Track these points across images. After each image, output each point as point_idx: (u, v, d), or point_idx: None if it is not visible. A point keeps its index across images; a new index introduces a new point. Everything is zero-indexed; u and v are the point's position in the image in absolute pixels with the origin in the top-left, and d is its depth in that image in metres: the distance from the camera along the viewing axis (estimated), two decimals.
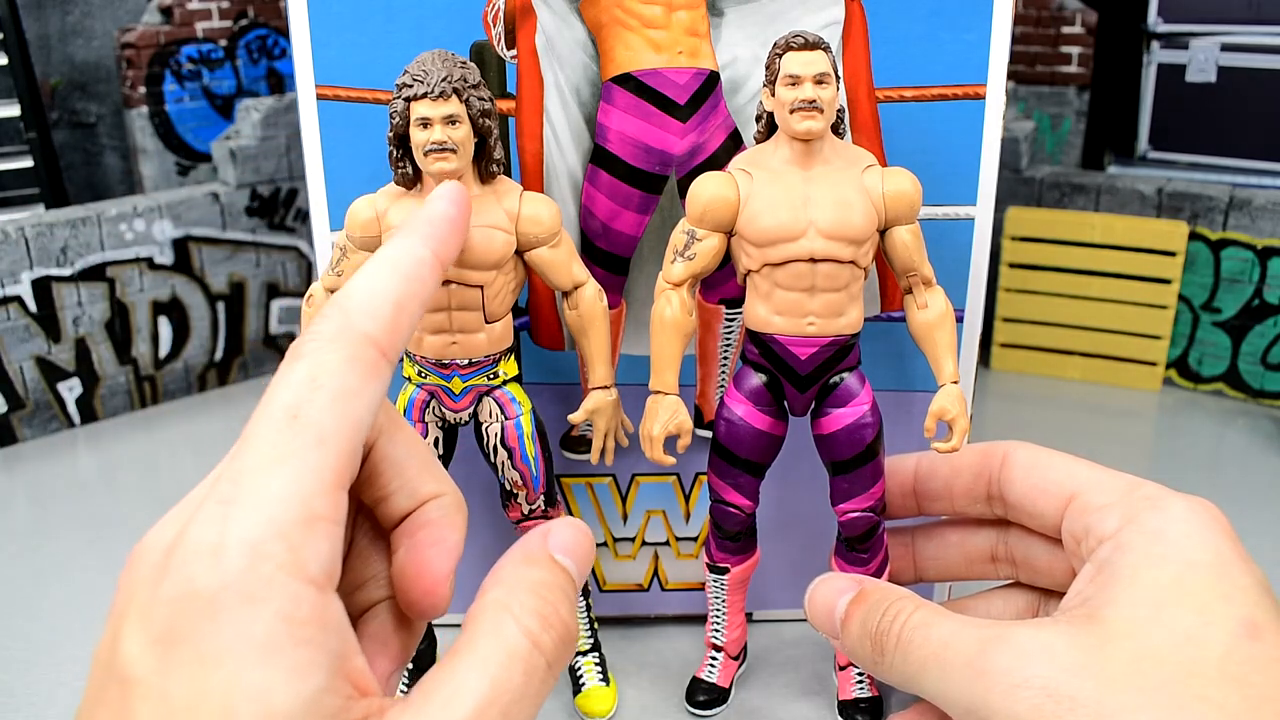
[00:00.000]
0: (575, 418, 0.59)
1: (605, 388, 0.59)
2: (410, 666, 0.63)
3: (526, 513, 0.60)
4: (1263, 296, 1.02)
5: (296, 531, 0.27)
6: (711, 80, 0.61)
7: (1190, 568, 0.45)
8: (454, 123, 0.52)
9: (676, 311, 0.56)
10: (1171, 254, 1.05)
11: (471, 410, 0.58)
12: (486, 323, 0.56)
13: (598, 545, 0.71)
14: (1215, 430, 1.01)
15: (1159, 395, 1.08)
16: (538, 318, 0.65)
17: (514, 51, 0.61)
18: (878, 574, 0.60)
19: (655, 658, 0.69)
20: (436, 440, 0.58)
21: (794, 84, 0.53)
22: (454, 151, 0.52)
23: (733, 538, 0.61)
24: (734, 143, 0.61)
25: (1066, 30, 1.20)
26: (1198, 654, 0.41)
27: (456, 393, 0.57)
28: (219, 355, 1.12)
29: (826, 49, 0.53)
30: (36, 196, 1.14)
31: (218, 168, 1.12)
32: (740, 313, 0.64)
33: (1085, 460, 0.54)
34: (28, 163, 1.13)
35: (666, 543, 0.71)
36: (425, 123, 0.52)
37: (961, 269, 0.63)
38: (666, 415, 0.56)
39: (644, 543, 0.71)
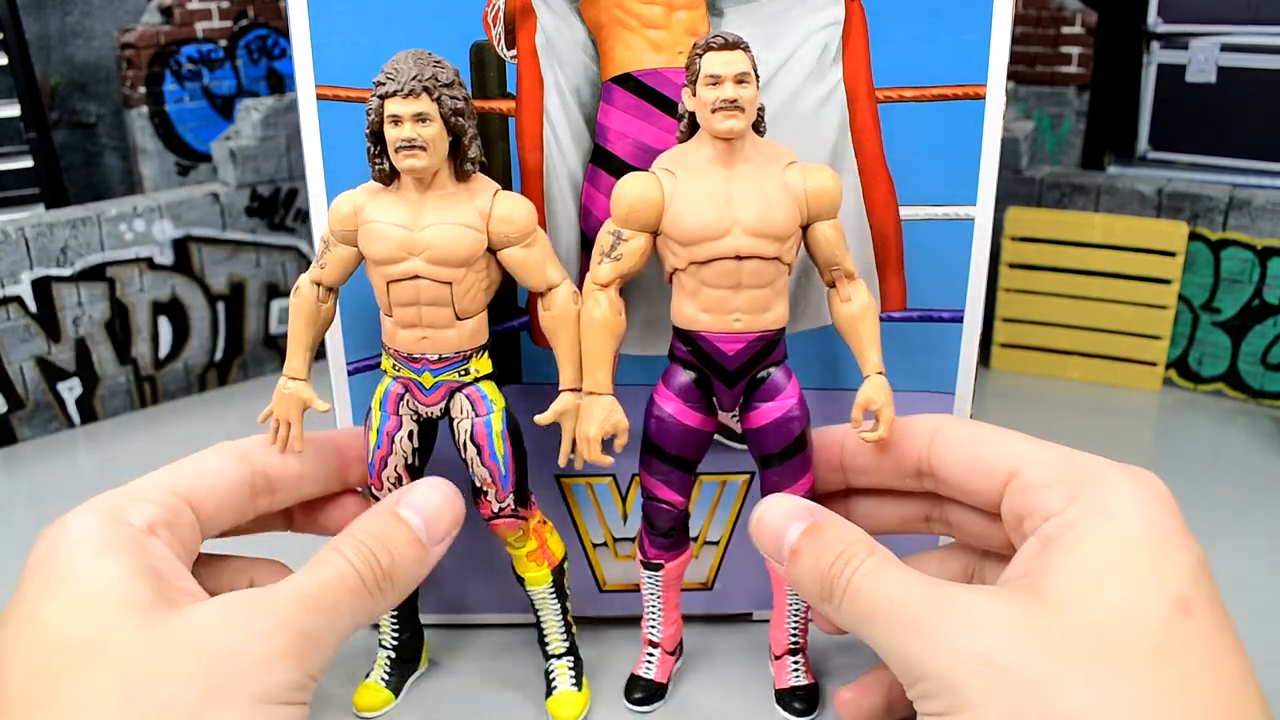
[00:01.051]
0: (542, 419, 0.59)
1: (575, 390, 0.59)
2: (393, 655, 0.64)
3: (496, 510, 0.60)
4: (1263, 296, 1.02)
5: (123, 506, 0.50)
6: None
7: (1130, 543, 0.45)
8: (424, 120, 0.53)
9: (606, 312, 0.56)
10: (1171, 254, 1.05)
11: (444, 405, 0.59)
12: (458, 319, 0.57)
13: (598, 545, 0.71)
14: (1215, 430, 1.01)
15: (1159, 395, 1.08)
16: (538, 318, 0.65)
17: (514, 51, 0.61)
18: None
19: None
20: (411, 433, 0.59)
21: (715, 84, 0.53)
22: (423, 149, 0.53)
23: (665, 534, 0.62)
24: None
25: (1066, 30, 1.20)
26: (1131, 629, 0.42)
27: (428, 387, 0.58)
28: (219, 355, 1.12)
29: (746, 49, 0.54)
30: (36, 196, 1.14)
31: (218, 168, 1.12)
32: None
33: (1018, 434, 0.54)
34: (28, 163, 1.13)
35: None
36: (396, 120, 0.53)
37: (961, 269, 0.63)
38: (602, 415, 0.57)
39: None
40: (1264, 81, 1.12)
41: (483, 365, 0.59)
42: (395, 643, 0.63)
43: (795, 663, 0.64)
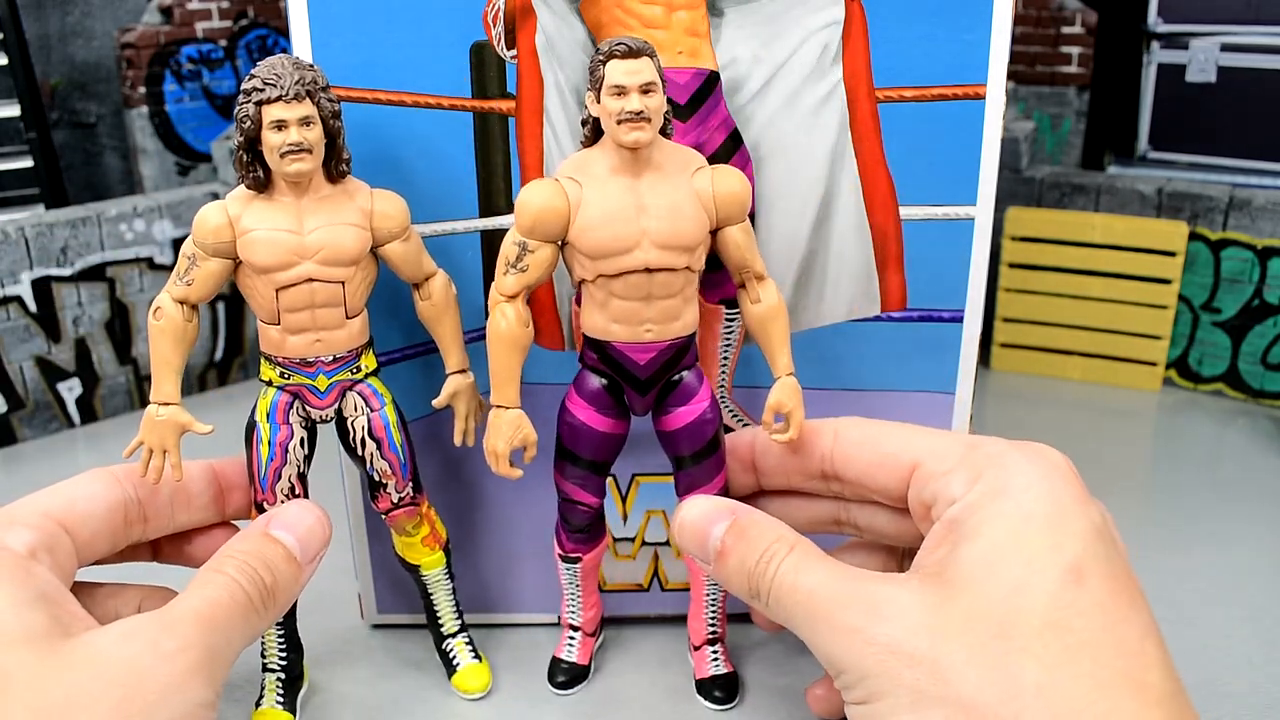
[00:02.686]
0: (438, 402, 0.62)
1: (463, 371, 0.62)
2: (282, 676, 0.63)
3: (396, 501, 0.61)
4: (1263, 296, 1.02)
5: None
6: (711, 80, 0.61)
7: (1026, 519, 0.46)
8: (308, 124, 0.54)
9: (512, 324, 0.56)
10: (1171, 254, 1.05)
11: (336, 406, 0.59)
12: (347, 318, 0.58)
13: None
14: (1215, 430, 1.01)
15: (1159, 395, 1.08)
16: (537, 318, 0.65)
17: (514, 51, 0.61)
18: None
19: (656, 657, 0.69)
20: (302, 440, 0.59)
21: (620, 94, 0.52)
22: (309, 152, 0.54)
23: (582, 530, 0.63)
24: (734, 143, 0.62)
25: (1066, 30, 1.20)
26: (1023, 605, 0.44)
27: (322, 390, 0.58)
28: (219, 355, 1.12)
29: (652, 55, 0.53)
30: (36, 196, 1.14)
31: (218, 168, 1.12)
32: (740, 312, 0.64)
33: (918, 427, 0.55)
34: (28, 163, 1.13)
35: (666, 543, 0.71)
36: (280, 125, 0.53)
37: (961, 269, 0.63)
38: (510, 430, 0.57)
39: (644, 543, 0.71)
40: (1264, 81, 1.12)
41: (370, 361, 0.60)
42: (284, 663, 0.63)
43: (714, 652, 0.65)
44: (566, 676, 0.65)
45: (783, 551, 0.51)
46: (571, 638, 0.66)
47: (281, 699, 0.63)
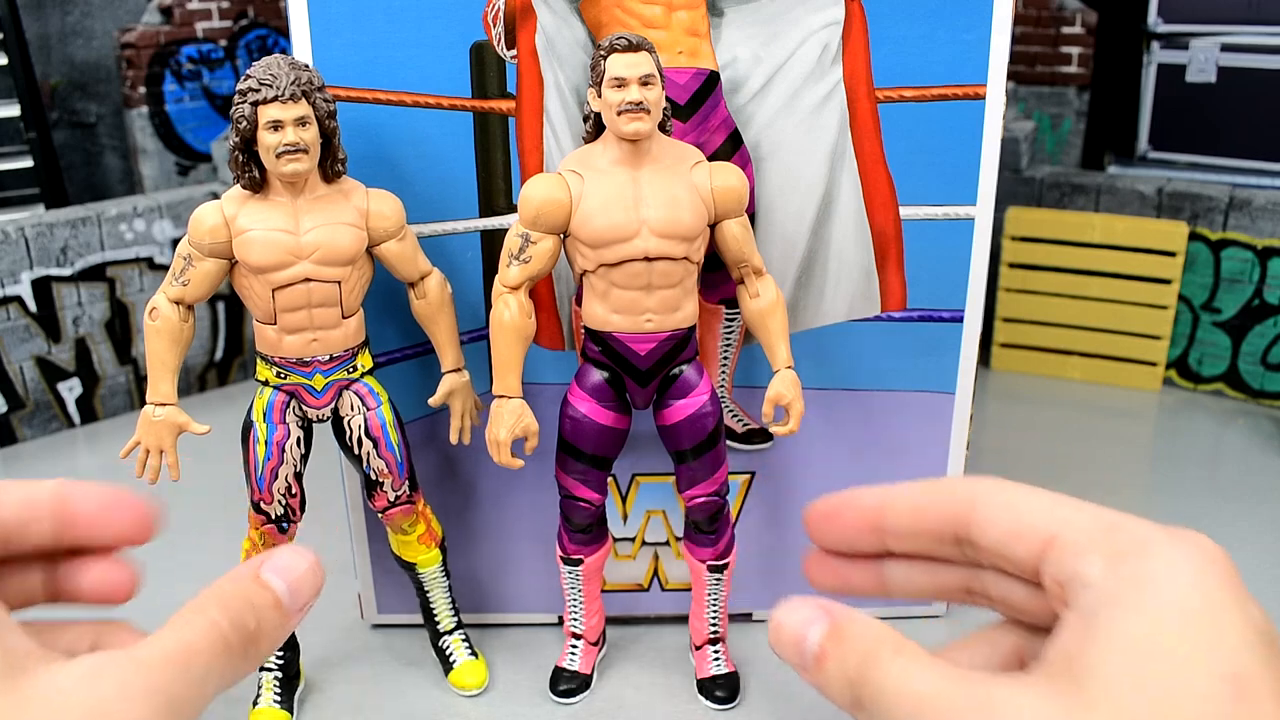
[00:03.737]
0: (434, 400, 0.62)
1: (458, 370, 0.62)
2: (279, 675, 0.64)
3: (393, 499, 0.61)
4: (1263, 296, 1.02)
5: None
6: (711, 80, 0.61)
7: (1176, 619, 0.44)
8: (304, 124, 0.54)
9: (515, 315, 0.57)
10: (1171, 254, 1.05)
11: (332, 406, 0.60)
12: (343, 317, 0.58)
13: None
14: (1215, 430, 1.01)
15: (1159, 395, 1.08)
16: (537, 318, 0.65)
17: (514, 51, 0.61)
18: (724, 553, 0.62)
19: (656, 657, 0.69)
20: (299, 439, 0.59)
21: (620, 86, 0.53)
22: (305, 152, 0.54)
23: (584, 530, 0.63)
24: (734, 143, 0.62)
25: (1066, 30, 1.20)
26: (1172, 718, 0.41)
27: (319, 389, 0.59)
28: (219, 355, 1.12)
29: (651, 50, 0.54)
30: (36, 196, 1.14)
31: (217, 168, 1.12)
32: (740, 312, 0.64)
33: (1063, 496, 0.54)
34: (28, 163, 1.13)
35: (666, 543, 0.71)
36: (277, 125, 0.53)
37: (961, 269, 0.63)
38: (512, 420, 0.57)
39: (644, 543, 0.71)
40: (1264, 81, 1.12)
41: (366, 360, 0.60)
42: (280, 662, 0.63)
43: (715, 652, 0.65)
44: (569, 685, 0.65)
45: (888, 654, 0.49)
46: (574, 646, 0.66)
47: (278, 698, 0.63)
